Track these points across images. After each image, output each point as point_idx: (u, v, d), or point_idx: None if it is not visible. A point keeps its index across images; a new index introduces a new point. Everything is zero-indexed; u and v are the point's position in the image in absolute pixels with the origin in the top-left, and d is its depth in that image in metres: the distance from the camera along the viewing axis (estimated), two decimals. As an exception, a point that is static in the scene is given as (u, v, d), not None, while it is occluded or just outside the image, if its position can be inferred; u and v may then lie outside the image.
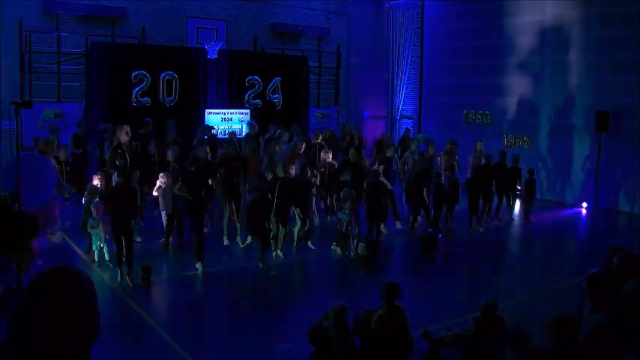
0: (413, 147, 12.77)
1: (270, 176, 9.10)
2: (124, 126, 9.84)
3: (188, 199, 8.25)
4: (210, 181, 9.41)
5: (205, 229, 8.96)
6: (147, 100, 13.97)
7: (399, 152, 13.57)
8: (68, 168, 10.66)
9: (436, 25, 17.48)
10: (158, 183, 9.03)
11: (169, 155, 9.62)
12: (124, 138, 9.62)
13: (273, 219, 8.69)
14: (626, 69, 12.59)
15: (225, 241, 9.45)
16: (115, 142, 9.79)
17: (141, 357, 5.66)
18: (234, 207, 9.56)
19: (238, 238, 9.46)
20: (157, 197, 9.14)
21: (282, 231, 8.89)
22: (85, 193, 8.74)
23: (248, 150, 10.70)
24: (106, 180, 9.66)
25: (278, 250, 8.88)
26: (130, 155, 9.54)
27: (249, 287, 8.03)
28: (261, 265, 8.27)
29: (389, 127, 18.59)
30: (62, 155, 10.69)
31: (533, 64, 14.47)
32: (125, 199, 7.42)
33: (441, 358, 5.37)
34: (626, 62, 12.61)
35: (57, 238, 7.58)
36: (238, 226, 9.55)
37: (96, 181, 8.91)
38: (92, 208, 8.08)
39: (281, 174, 8.83)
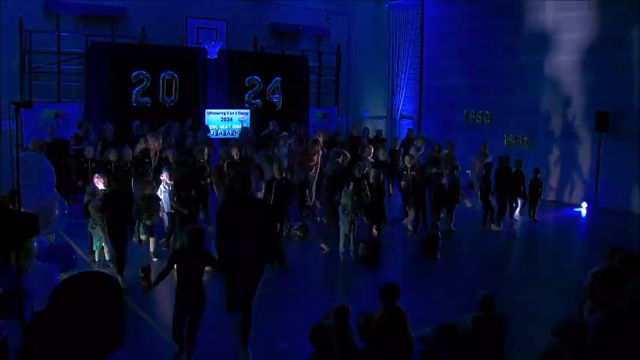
0: (414, 148, 12.78)
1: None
2: (156, 133, 10.09)
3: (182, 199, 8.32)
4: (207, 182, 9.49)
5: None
6: (147, 100, 13.98)
7: (402, 151, 13.60)
8: (93, 165, 10.80)
9: (436, 25, 17.48)
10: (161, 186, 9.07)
11: (170, 157, 9.64)
12: (154, 146, 9.75)
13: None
14: (626, 69, 12.59)
15: None
16: (142, 148, 10.00)
17: (140, 357, 5.65)
18: None
19: None
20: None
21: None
22: (86, 194, 8.75)
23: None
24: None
25: None
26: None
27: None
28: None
29: (389, 127, 18.59)
30: (87, 153, 10.84)
31: (533, 64, 14.46)
32: (120, 202, 7.50)
33: (439, 357, 5.36)
34: (625, 62, 12.61)
35: (51, 238, 7.57)
36: None
37: (98, 183, 8.90)
38: (91, 209, 8.08)
39: (277, 175, 8.82)
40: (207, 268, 5.76)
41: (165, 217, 9.06)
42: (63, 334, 1.63)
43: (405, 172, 11.23)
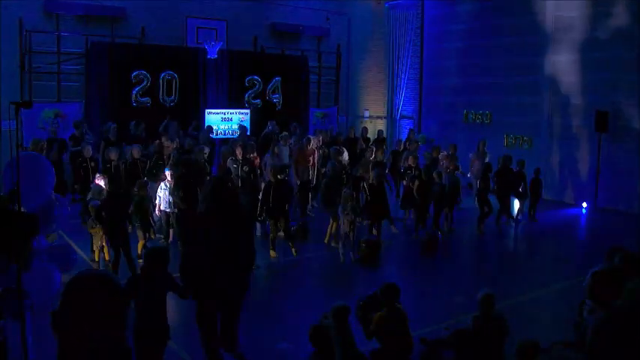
0: (413, 147, 12.81)
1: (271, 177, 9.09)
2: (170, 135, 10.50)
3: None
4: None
5: None
6: (147, 100, 13.98)
7: (405, 153, 13.63)
8: (93, 164, 10.78)
9: (436, 25, 17.48)
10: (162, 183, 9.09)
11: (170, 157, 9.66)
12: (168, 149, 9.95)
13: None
14: (626, 69, 12.59)
15: None
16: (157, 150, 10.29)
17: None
18: None
19: None
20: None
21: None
22: (90, 193, 8.76)
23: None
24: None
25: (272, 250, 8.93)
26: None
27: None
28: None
29: (389, 127, 18.59)
30: (87, 152, 10.80)
31: (533, 64, 14.47)
32: (117, 206, 7.54)
33: (440, 357, 5.36)
34: (625, 62, 12.61)
35: (52, 237, 7.59)
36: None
37: (100, 182, 8.92)
38: (90, 209, 8.09)
39: (272, 179, 8.84)
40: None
41: (163, 215, 9.08)
42: (68, 331, 1.66)
43: (409, 172, 11.29)
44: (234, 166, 9.61)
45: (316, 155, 11.75)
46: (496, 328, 5.00)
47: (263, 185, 9.34)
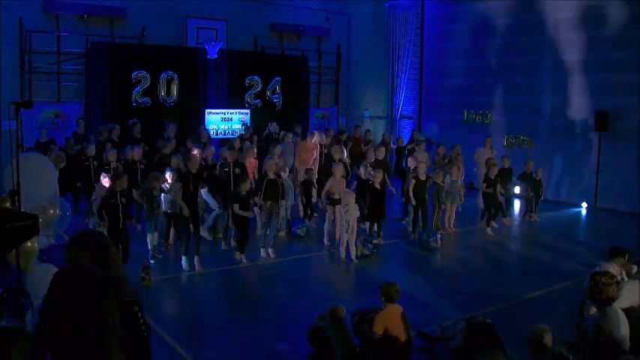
0: (420, 147, 12.82)
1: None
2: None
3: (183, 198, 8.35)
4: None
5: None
6: (147, 100, 13.97)
7: (406, 152, 13.62)
8: (95, 163, 10.75)
9: (436, 25, 17.48)
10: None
11: (173, 161, 9.59)
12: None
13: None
14: (626, 69, 12.59)
15: (223, 246, 9.37)
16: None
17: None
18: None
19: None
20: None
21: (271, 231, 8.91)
22: (94, 193, 8.77)
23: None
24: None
25: (268, 250, 8.90)
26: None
27: (248, 287, 8.04)
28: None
29: (389, 127, 18.59)
30: (90, 151, 10.79)
31: (533, 64, 14.47)
32: (117, 205, 7.53)
33: (436, 354, 5.37)
34: (626, 62, 12.61)
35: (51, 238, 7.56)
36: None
37: (105, 181, 8.90)
38: (94, 208, 8.12)
39: (271, 175, 8.82)
40: None
41: (163, 216, 9.06)
42: (59, 326, 1.65)
43: (408, 173, 11.35)
44: (226, 169, 9.50)
45: (318, 150, 11.75)
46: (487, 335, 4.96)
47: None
